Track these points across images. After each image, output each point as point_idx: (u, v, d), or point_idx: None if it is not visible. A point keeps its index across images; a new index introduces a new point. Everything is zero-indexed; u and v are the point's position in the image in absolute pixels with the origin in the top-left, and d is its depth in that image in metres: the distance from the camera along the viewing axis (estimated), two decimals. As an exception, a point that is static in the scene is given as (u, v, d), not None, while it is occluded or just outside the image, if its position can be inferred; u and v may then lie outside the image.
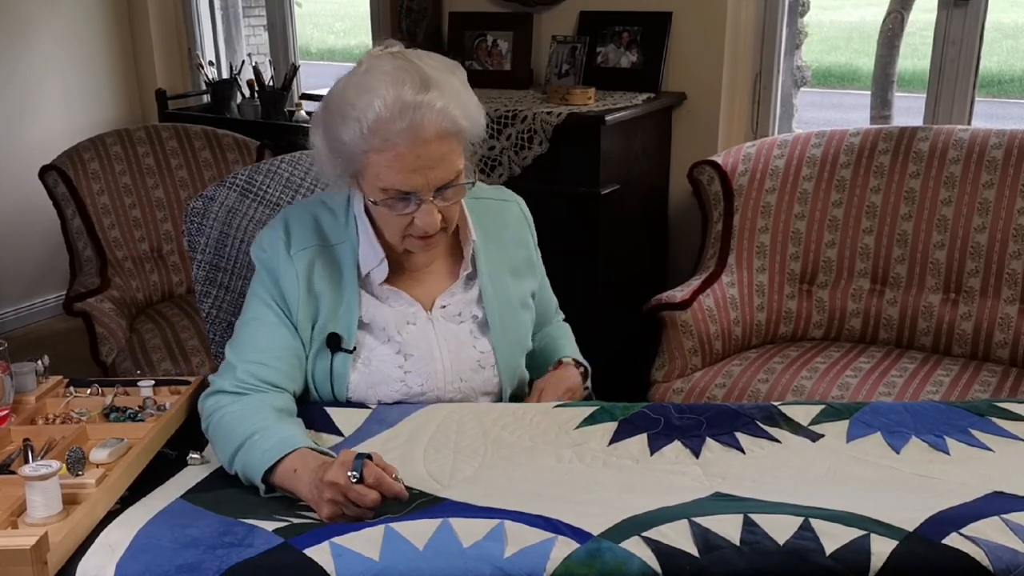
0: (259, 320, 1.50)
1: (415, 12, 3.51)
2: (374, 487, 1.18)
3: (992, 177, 2.50)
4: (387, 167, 1.37)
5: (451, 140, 1.38)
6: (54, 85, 4.16)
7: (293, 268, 1.50)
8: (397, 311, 1.54)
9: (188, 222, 1.74)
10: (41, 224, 3.89)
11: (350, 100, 1.38)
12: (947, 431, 1.41)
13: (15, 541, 1.05)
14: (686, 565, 1.06)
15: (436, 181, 1.39)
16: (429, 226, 1.41)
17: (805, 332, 2.69)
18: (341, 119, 1.39)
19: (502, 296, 1.61)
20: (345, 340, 1.52)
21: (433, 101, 1.34)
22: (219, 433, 1.39)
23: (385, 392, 1.54)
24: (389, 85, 1.35)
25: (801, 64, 3.55)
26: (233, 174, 1.81)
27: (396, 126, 1.34)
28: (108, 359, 2.80)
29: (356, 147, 1.38)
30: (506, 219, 1.66)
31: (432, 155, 1.37)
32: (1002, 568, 1.06)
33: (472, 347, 1.58)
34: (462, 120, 1.38)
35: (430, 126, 1.35)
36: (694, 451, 1.38)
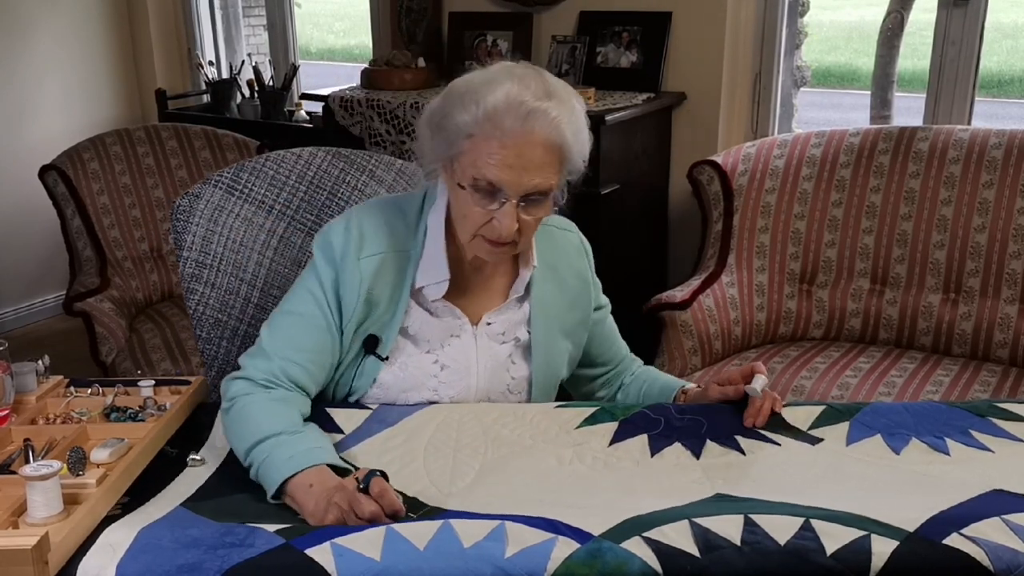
0: (303, 316, 1.49)
1: (415, 12, 3.51)
2: (376, 498, 1.19)
3: (992, 177, 2.50)
4: (487, 156, 1.38)
5: (554, 152, 1.39)
6: (54, 85, 4.16)
7: (358, 274, 1.48)
8: (444, 323, 1.54)
9: (175, 219, 1.74)
10: (41, 224, 3.89)
11: (474, 87, 1.40)
12: (947, 432, 1.41)
13: (16, 541, 1.05)
14: (687, 565, 1.06)
15: (527, 185, 1.38)
16: (505, 229, 1.40)
17: (805, 332, 2.70)
18: (460, 101, 1.40)
19: (551, 323, 1.60)
20: (382, 346, 1.51)
21: (549, 110, 1.37)
22: (242, 420, 1.39)
23: (415, 397, 1.54)
24: (515, 84, 1.38)
25: (801, 64, 3.55)
26: (219, 172, 1.80)
27: (509, 120, 1.36)
28: (108, 359, 2.80)
29: (464, 129, 1.39)
30: (566, 248, 1.65)
31: (532, 158, 1.38)
32: (1003, 568, 1.06)
33: (506, 371, 1.58)
34: (570, 138, 1.40)
35: (540, 131, 1.37)
36: (694, 452, 1.38)
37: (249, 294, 1.77)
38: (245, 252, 1.76)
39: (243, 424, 1.39)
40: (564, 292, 1.62)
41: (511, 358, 1.58)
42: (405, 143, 3.04)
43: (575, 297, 1.64)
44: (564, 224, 1.69)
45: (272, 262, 1.78)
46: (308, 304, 1.49)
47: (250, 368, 1.46)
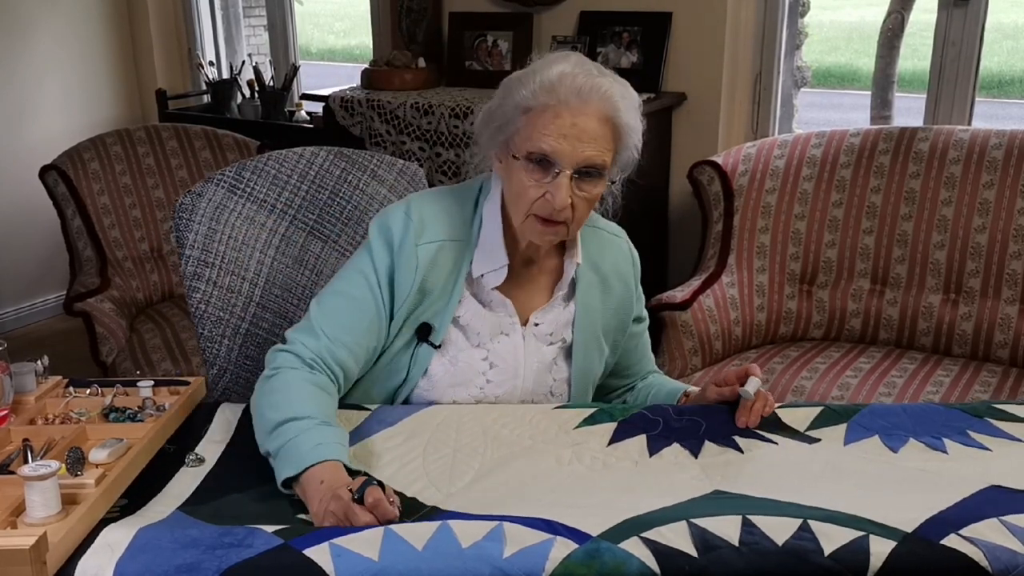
0: (357, 300, 1.50)
1: (415, 12, 3.51)
2: (370, 509, 1.18)
3: (992, 177, 2.50)
4: (542, 127, 1.41)
5: (608, 126, 1.42)
6: (54, 85, 4.16)
7: (415, 260, 1.49)
8: (497, 318, 1.55)
9: (177, 218, 1.74)
10: (41, 224, 3.89)
11: (534, 67, 1.45)
12: (945, 433, 1.41)
13: (14, 541, 1.04)
14: (685, 565, 1.06)
15: (581, 157, 1.41)
16: (559, 201, 1.41)
17: (805, 332, 2.69)
18: (517, 82, 1.45)
19: (593, 326, 1.61)
20: (435, 334, 1.53)
21: (605, 86, 1.42)
22: (280, 391, 1.40)
23: (463, 394, 1.55)
24: (571, 62, 1.43)
25: (801, 64, 3.55)
26: (221, 171, 1.81)
27: (564, 91, 1.40)
28: (108, 359, 2.80)
29: (521, 103, 1.43)
30: (614, 252, 1.65)
31: (587, 130, 1.40)
32: (1000, 569, 1.06)
33: (549, 372, 1.59)
34: (623, 114, 1.43)
35: (595, 103, 1.41)
36: (693, 452, 1.38)
37: (251, 293, 1.77)
38: (247, 251, 1.76)
39: (279, 394, 1.39)
40: (608, 296, 1.63)
41: (555, 360, 1.60)
42: (405, 143, 3.04)
43: (618, 302, 1.65)
44: (615, 230, 1.70)
45: (274, 261, 1.79)
46: (360, 287, 1.50)
47: (298, 344, 1.47)
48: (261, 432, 1.36)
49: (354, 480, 1.24)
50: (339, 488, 1.22)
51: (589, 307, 1.60)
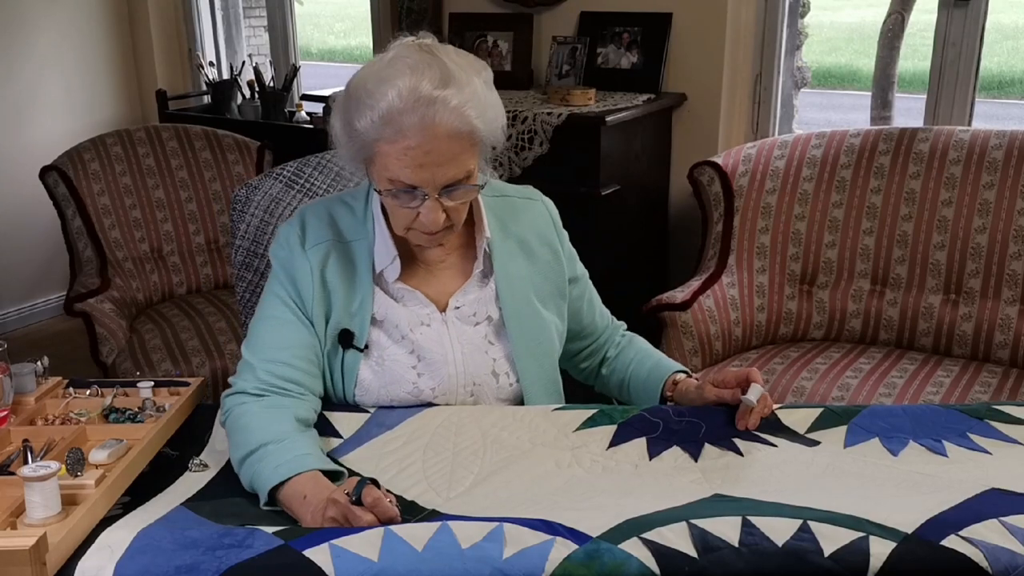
0: (276, 318, 1.49)
1: (415, 13, 3.51)
2: (369, 509, 1.18)
3: (992, 178, 2.50)
4: (395, 159, 1.35)
5: (463, 140, 1.35)
6: (54, 85, 4.16)
7: (307, 263, 1.49)
8: (411, 311, 1.52)
9: (232, 208, 1.80)
10: (41, 224, 3.90)
11: (368, 88, 1.36)
12: (945, 435, 1.41)
13: (14, 542, 1.05)
14: (685, 566, 1.06)
15: (443, 179, 1.36)
16: (432, 223, 1.39)
17: (805, 333, 2.69)
18: (357, 106, 1.37)
19: (520, 295, 1.56)
20: (357, 337, 1.50)
21: (449, 98, 1.32)
22: (235, 431, 1.39)
23: (397, 393, 1.52)
24: (408, 76, 1.33)
25: (801, 65, 3.56)
26: (281, 166, 1.85)
27: (408, 119, 1.32)
28: (108, 360, 2.80)
29: (368, 135, 1.36)
30: (529, 216, 1.61)
31: (442, 152, 1.34)
32: (1000, 569, 1.06)
33: (484, 353, 1.54)
34: (476, 121, 1.35)
35: (443, 123, 1.32)
36: (693, 455, 1.38)
37: None
38: None
39: (235, 436, 1.39)
40: (534, 262, 1.59)
41: (487, 339, 1.54)
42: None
43: (546, 266, 1.60)
44: (526, 192, 1.65)
45: None
46: (275, 306, 1.50)
47: (239, 383, 1.46)
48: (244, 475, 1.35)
49: (346, 482, 1.24)
50: (333, 493, 1.21)
51: (513, 277, 1.56)
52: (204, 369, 2.72)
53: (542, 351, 1.59)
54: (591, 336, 1.73)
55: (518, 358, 1.55)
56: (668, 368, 1.65)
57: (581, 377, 1.78)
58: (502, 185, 1.63)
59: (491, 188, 1.58)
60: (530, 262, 1.59)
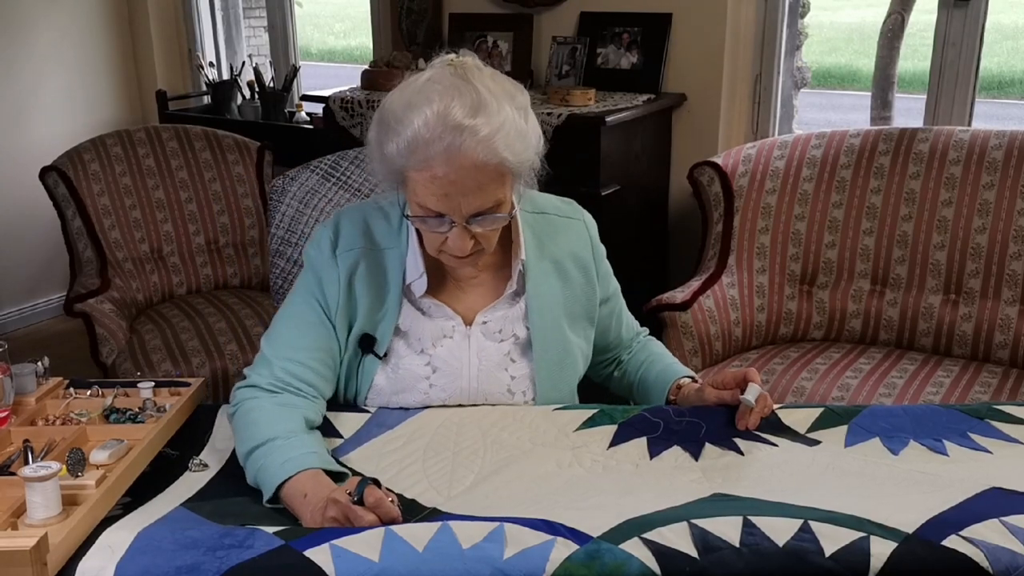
0: (299, 317, 1.50)
1: (415, 13, 3.51)
2: (371, 509, 1.17)
3: (992, 178, 2.50)
4: (422, 186, 1.33)
5: (490, 171, 1.32)
6: (54, 85, 4.16)
7: (336, 269, 1.49)
8: (436, 324, 1.52)
9: (269, 197, 1.87)
10: (41, 225, 3.90)
11: (397, 114, 1.34)
12: (945, 435, 1.41)
13: (15, 542, 1.05)
14: (685, 566, 1.06)
15: (469, 209, 1.34)
16: (459, 250, 1.38)
17: (805, 333, 2.69)
18: (386, 130, 1.35)
19: (549, 316, 1.54)
20: (379, 344, 1.50)
21: (478, 128, 1.29)
22: (243, 425, 1.39)
23: (408, 400, 1.52)
24: (437, 102, 1.30)
25: (801, 65, 3.56)
26: (320, 159, 1.90)
27: (434, 148, 1.29)
28: (108, 360, 2.80)
29: (396, 162, 1.35)
30: (567, 236, 1.59)
31: (467, 182, 1.32)
32: (1001, 569, 1.06)
33: (504, 370, 1.53)
34: (505, 152, 1.31)
35: (469, 153, 1.29)
36: (693, 455, 1.38)
37: None
38: None
39: (244, 429, 1.39)
40: (567, 284, 1.57)
41: (509, 356, 1.53)
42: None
43: (578, 289, 1.59)
44: (566, 211, 1.63)
45: None
46: (299, 304, 1.51)
47: (253, 376, 1.47)
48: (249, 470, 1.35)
49: (347, 482, 1.24)
50: (333, 493, 1.21)
51: (544, 297, 1.54)
52: (204, 369, 2.72)
53: (564, 373, 1.58)
54: (615, 349, 1.74)
55: (539, 378, 1.54)
56: (674, 373, 1.64)
57: (599, 380, 1.79)
58: (544, 200, 1.60)
59: (531, 203, 1.56)
60: (563, 284, 1.57)
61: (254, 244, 3.36)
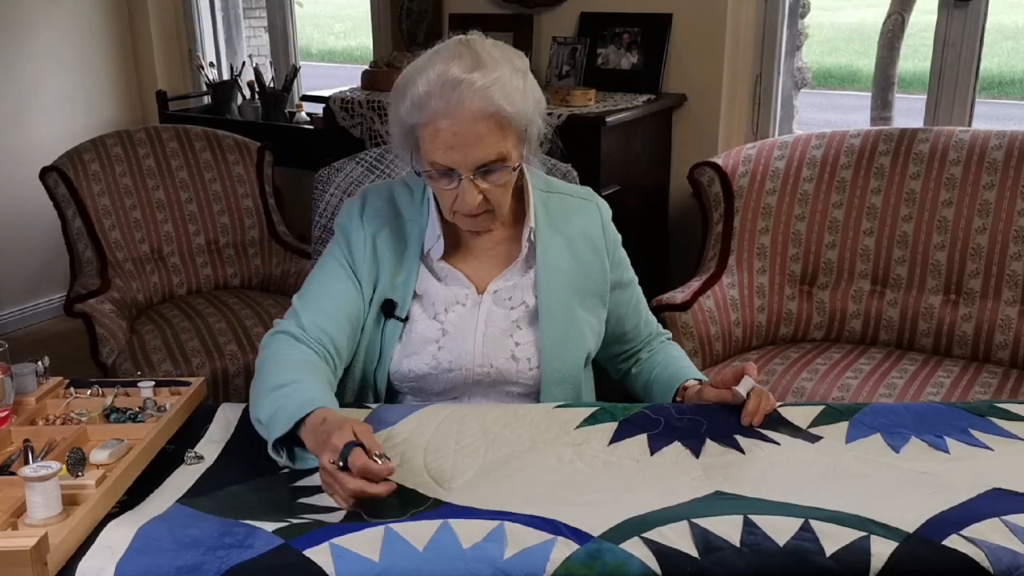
0: (330, 276, 1.59)
1: (415, 13, 3.51)
2: (358, 475, 1.18)
3: (992, 178, 2.50)
4: (429, 141, 1.43)
5: (490, 121, 1.41)
6: (54, 86, 4.16)
7: (363, 231, 1.59)
8: (450, 290, 1.60)
9: (314, 187, 1.96)
10: (42, 225, 3.90)
11: (407, 78, 1.45)
12: (947, 431, 1.41)
13: (15, 542, 1.04)
14: (686, 566, 1.06)
15: (474, 160, 1.42)
16: (468, 204, 1.46)
17: (805, 333, 2.69)
18: (398, 95, 1.46)
19: (558, 288, 1.60)
20: (399, 308, 1.58)
21: (474, 80, 1.39)
22: (269, 365, 1.45)
23: (417, 363, 1.58)
24: (440, 64, 1.41)
25: (801, 65, 3.56)
26: (365, 151, 1.99)
27: (436, 102, 1.39)
28: (108, 360, 2.80)
29: (407, 121, 1.45)
30: (579, 215, 1.65)
31: (469, 133, 1.40)
32: (1002, 569, 1.06)
33: (510, 336, 1.59)
34: (502, 101, 1.40)
35: (468, 104, 1.39)
36: (694, 451, 1.38)
37: None
38: None
39: (271, 369, 1.44)
40: (577, 259, 1.63)
41: (516, 323, 1.59)
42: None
43: (589, 267, 1.64)
44: (581, 192, 1.71)
45: None
46: (331, 265, 1.60)
47: (284, 324, 1.54)
48: (255, 406, 1.40)
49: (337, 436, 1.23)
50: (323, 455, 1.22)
51: (554, 268, 1.60)
52: (204, 369, 2.72)
53: (570, 344, 1.62)
54: (633, 341, 1.77)
55: (544, 346, 1.59)
56: (685, 375, 1.68)
57: (618, 377, 1.83)
58: (559, 183, 1.70)
59: (547, 184, 1.66)
60: (574, 259, 1.63)
61: (254, 244, 3.36)
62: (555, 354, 1.60)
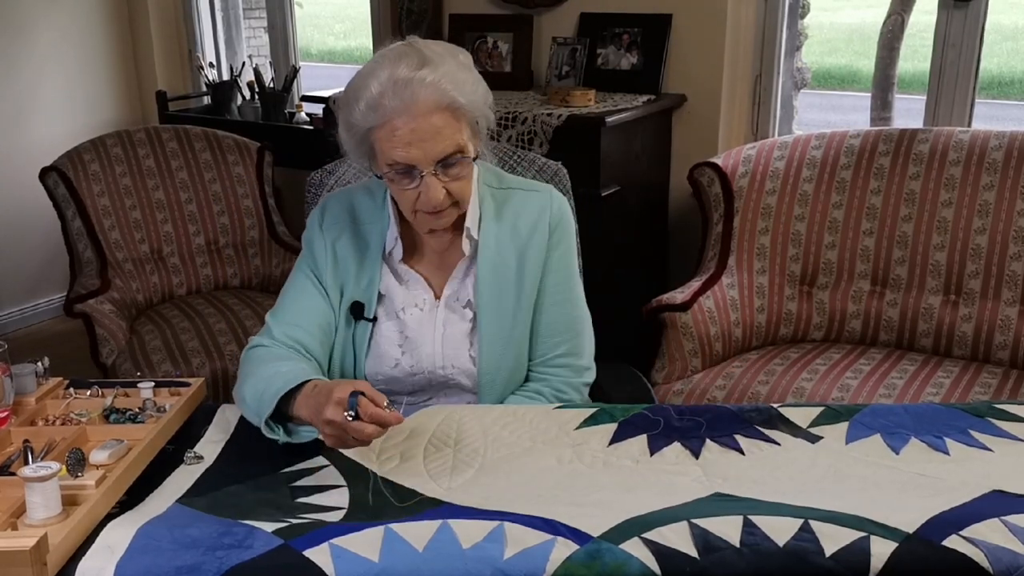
0: (298, 289, 1.62)
1: (415, 14, 3.51)
2: (370, 421, 1.24)
3: (992, 179, 2.50)
4: (386, 142, 1.44)
5: (445, 113, 1.43)
6: (54, 86, 4.16)
7: (323, 239, 1.62)
8: (411, 293, 1.62)
9: (307, 190, 1.98)
10: (41, 225, 3.89)
11: (355, 84, 1.47)
12: (946, 432, 1.41)
13: (15, 542, 1.05)
14: (686, 567, 1.06)
15: (434, 154, 1.44)
16: (433, 200, 1.46)
17: (805, 334, 2.69)
18: (349, 101, 1.47)
19: (498, 285, 1.61)
20: (367, 308, 1.60)
21: (425, 76, 1.41)
22: (248, 367, 1.49)
23: (384, 368, 1.62)
24: (388, 66, 1.43)
25: (801, 66, 3.56)
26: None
27: (391, 101, 1.41)
28: (108, 360, 2.80)
29: (361, 125, 1.46)
30: (526, 207, 1.64)
31: (426, 128, 1.42)
32: (1002, 570, 1.06)
33: (466, 337, 1.61)
34: (454, 93, 1.43)
35: (423, 100, 1.41)
36: (694, 452, 1.38)
37: None
38: None
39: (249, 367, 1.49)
40: (520, 250, 1.61)
41: (471, 323, 1.61)
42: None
43: (531, 254, 1.61)
44: (534, 186, 1.69)
45: None
46: (299, 279, 1.63)
47: (257, 339, 1.59)
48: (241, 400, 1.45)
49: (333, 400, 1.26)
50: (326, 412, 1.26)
51: (493, 264, 1.60)
52: (204, 370, 2.72)
53: (512, 345, 1.61)
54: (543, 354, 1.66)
55: (484, 349, 1.60)
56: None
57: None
58: (515, 179, 1.71)
59: (499, 179, 1.66)
60: (516, 251, 1.62)
61: (254, 244, 3.36)
62: (493, 352, 1.59)
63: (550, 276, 1.64)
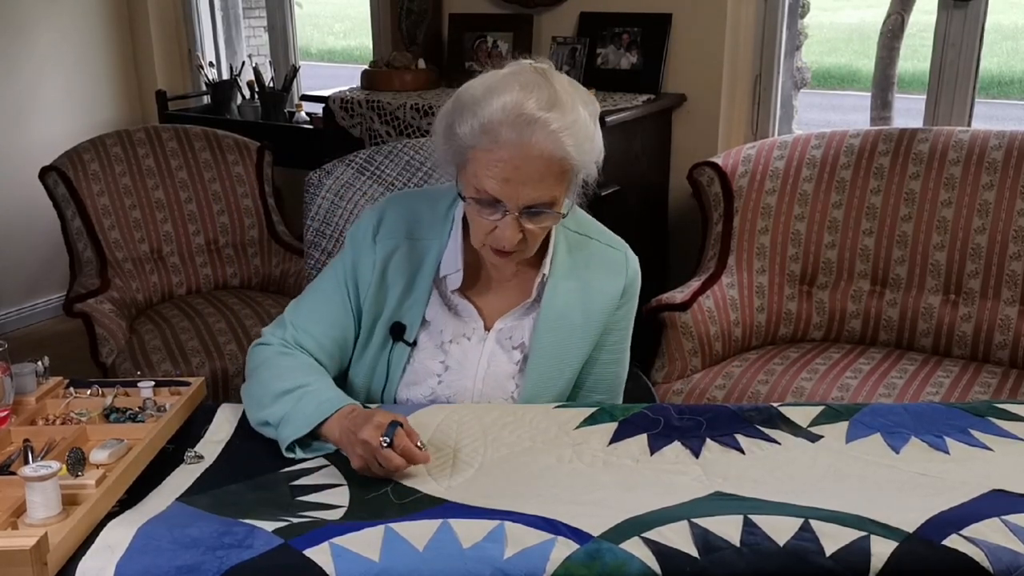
0: (327, 293, 1.56)
1: (415, 14, 3.51)
2: (401, 455, 1.25)
3: (992, 178, 2.50)
4: (485, 168, 1.37)
5: (553, 165, 1.36)
6: (54, 85, 4.16)
7: (374, 254, 1.54)
8: (460, 322, 1.56)
9: (305, 190, 1.95)
10: (41, 225, 3.89)
11: (476, 96, 1.38)
12: (946, 431, 1.41)
13: (15, 542, 1.04)
14: (686, 566, 1.06)
15: (526, 199, 1.38)
16: (507, 240, 1.40)
17: (805, 333, 2.69)
18: (462, 111, 1.39)
19: (559, 335, 1.56)
20: (408, 331, 1.55)
21: (550, 121, 1.34)
22: (266, 374, 1.46)
23: (417, 393, 1.57)
24: (516, 92, 1.35)
25: (801, 65, 3.56)
26: (355, 153, 1.99)
27: (506, 132, 1.34)
28: (108, 360, 2.80)
29: (466, 140, 1.38)
30: (601, 263, 1.60)
31: (530, 172, 1.35)
32: (1002, 569, 1.06)
33: (511, 378, 1.57)
34: (571, 149, 1.36)
35: (539, 143, 1.34)
36: (694, 451, 1.38)
37: None
38: None
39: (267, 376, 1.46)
40: (587, 309, 1.58)
41: (518, 365, 1.57)
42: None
43: (596, 316, 1.59)
44: (612, 241, 1.65)
45: None
46: (331, 282, 1.57)
47: (268, 336, 1.54)
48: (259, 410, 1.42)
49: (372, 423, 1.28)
50: (362, 432, 1.27)
51: (558, 314, 1.56)
52: (204, 369, 2.72)
53: (554, 393, 1.60)
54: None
55: (525, 390, 1.57)
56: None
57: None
58: (594, 225, 1.64)
59: (575, 222, 1.59)
60: (583, 310, 1.58)
61: (254, 244, 3.36)
62: (533, 400, 1.57)
63: (612, 335, 1.64)
